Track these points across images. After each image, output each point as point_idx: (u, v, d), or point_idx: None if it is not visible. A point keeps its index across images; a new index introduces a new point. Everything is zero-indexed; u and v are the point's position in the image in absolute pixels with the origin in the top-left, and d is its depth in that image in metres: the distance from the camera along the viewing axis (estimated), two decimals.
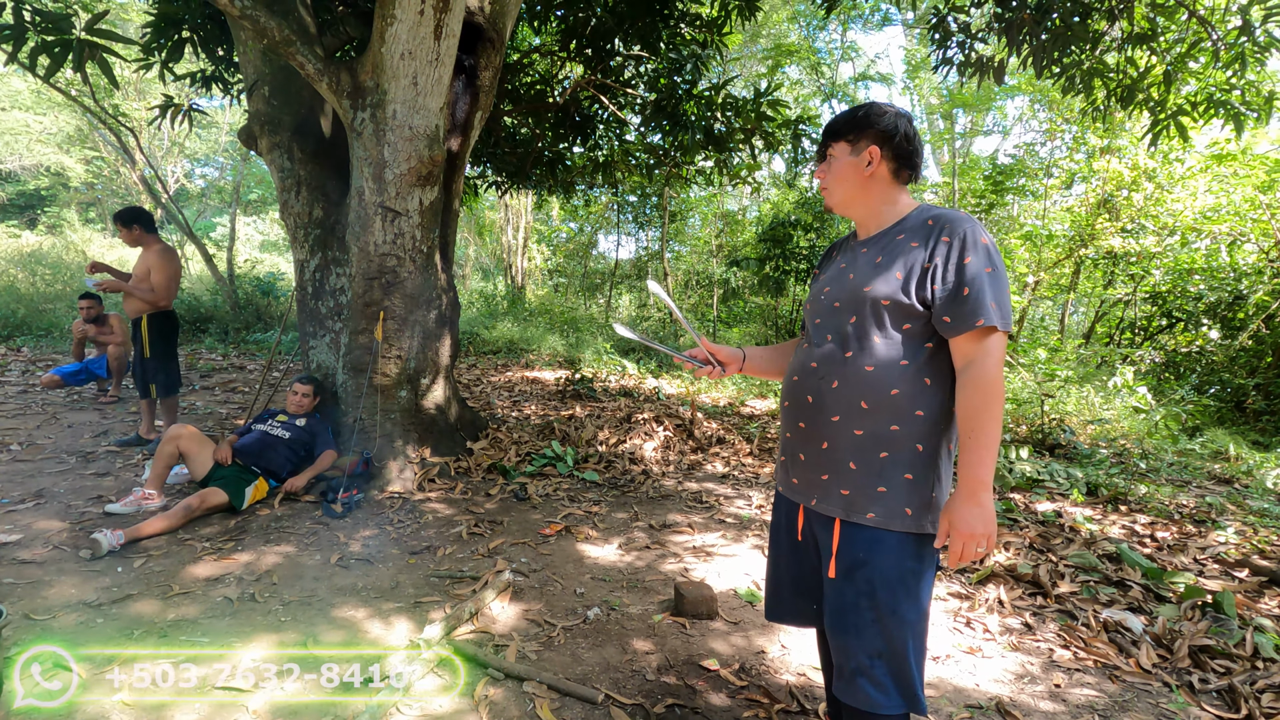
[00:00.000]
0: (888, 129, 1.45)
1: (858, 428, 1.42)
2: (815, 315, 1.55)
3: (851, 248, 1.57)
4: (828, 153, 1.53)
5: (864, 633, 1.41)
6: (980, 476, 1.30)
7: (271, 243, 27.10)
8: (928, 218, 1.42)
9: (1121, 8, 5.15)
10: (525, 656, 2.30)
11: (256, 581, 2.76)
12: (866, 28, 17.09)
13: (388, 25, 3.52)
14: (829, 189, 1.53)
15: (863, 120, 1.46)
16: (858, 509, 1.41)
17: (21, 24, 3.35)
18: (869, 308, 1.41)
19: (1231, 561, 3.43)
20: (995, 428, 1.31)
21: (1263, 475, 5.24)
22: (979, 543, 1.30)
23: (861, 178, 1.48)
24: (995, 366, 1.31)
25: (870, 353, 1.41)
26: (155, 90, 17.32)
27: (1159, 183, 8.64)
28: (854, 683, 1.42)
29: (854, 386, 1.42)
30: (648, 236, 18.74)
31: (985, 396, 1.30)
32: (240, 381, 7.46)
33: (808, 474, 1.51)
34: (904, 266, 1.39)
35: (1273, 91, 5.25)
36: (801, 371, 1.54)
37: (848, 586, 1.42)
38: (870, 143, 1.46)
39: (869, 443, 1.41)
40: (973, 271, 1.32)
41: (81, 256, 14.70)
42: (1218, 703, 2.22)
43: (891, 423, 1.39)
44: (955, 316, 1.33)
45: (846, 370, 1.43)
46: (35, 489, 3.67)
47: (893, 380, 1.39)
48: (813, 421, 1.49)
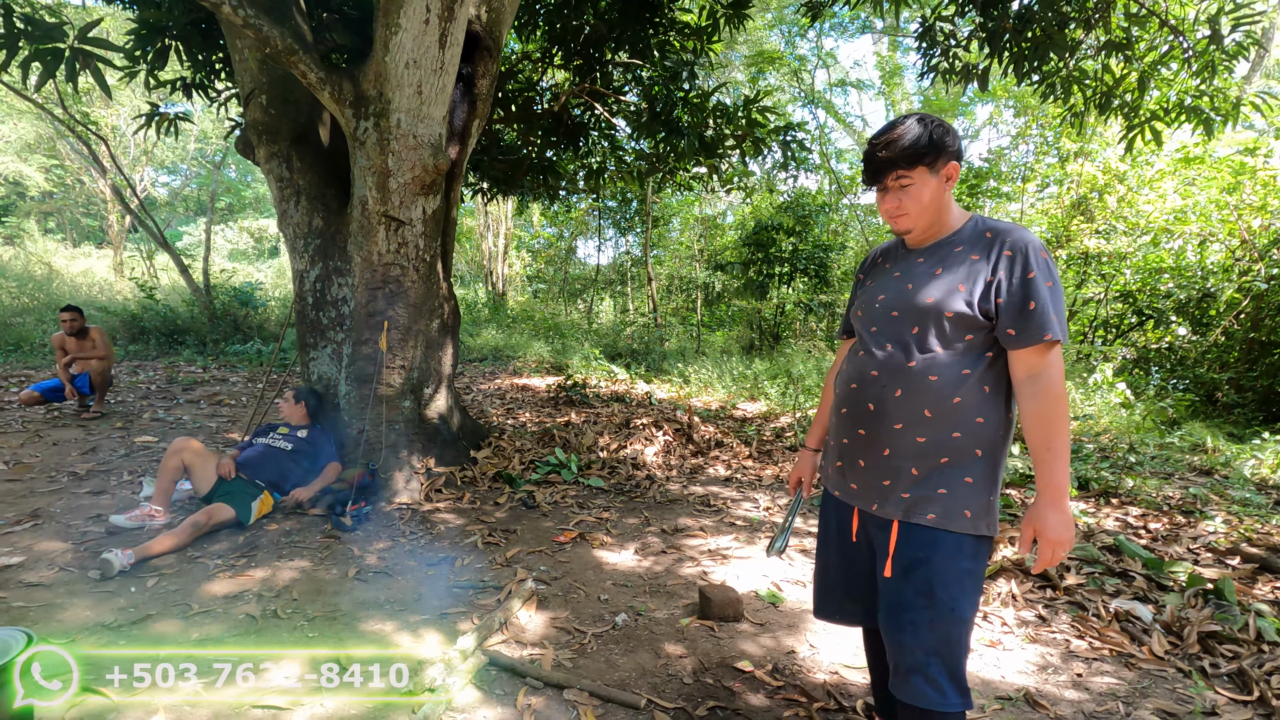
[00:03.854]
0: (957, 147, 1.48)
1: (920, 435, 1.46)
2: (871, 323, 1.58)
3: (904, 256, 1.60)
4: (900, 181, 1.47)
5: (920, 631, 1.44)
6: (1060, 483, 1.35)
7: (241, 251, 26.59)
8: (985, 230, 1.47)
9: (1098, 17, 5.34)
10: (561, 665, 2.30)
11: (277, 598, 2.72)
12: (845, 35, 17.40)
13: (392, 34, 3.51)
14: (909, 214, 1.50)
15: (938, 142, 1.44)
16: (918, 511, 1.46)
17: (13, 33, 3.27)
18: (931, 318, 1.45)
19: (1223, 550, 3.57)
20: (1067, 435, 1.36)
21: (1240, 466, 5.45)
22: (1065, 547, 1.36)
23: (941, 196, 1.48)
24: (1060, 377, 1.37)
25: (933, 362, 1.45)
26: (122, 97, 16.90)
27: (1129, 185, 8.94)
28: (909, 680, 1.45)
29: (917, 395, 1.45)
30: (628, 241, 18.80)
31: (1055, 406, 1.35)
32: (225, 394, 7.31)
33: (868, 479, 1.55)
34: (966, 279, 1.43)
35: (1239, 97, 5.47)
36: (861, 379, 1.56)
37: (905, 585, 1.46)
38: (948, 160, 1.46)
39: (931, 449, 1.45)
40: (1037, 286, 1.36)
41: (47, 269, 14.26)
42: (1230, 686, 2.31)
43: (954, 430, 1.44)
44: (1021, 330, 1.37)
45: (910, 379, 1.46)
46: (30, 509, 3.56)
47: (955, 389, 1.43)
48: (874, 428, 1.52)
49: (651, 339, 13.22)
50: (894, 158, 1.45)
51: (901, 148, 1.45)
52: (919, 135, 1.44)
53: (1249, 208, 7.96)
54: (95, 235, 27.04)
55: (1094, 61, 5.77)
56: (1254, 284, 7.48)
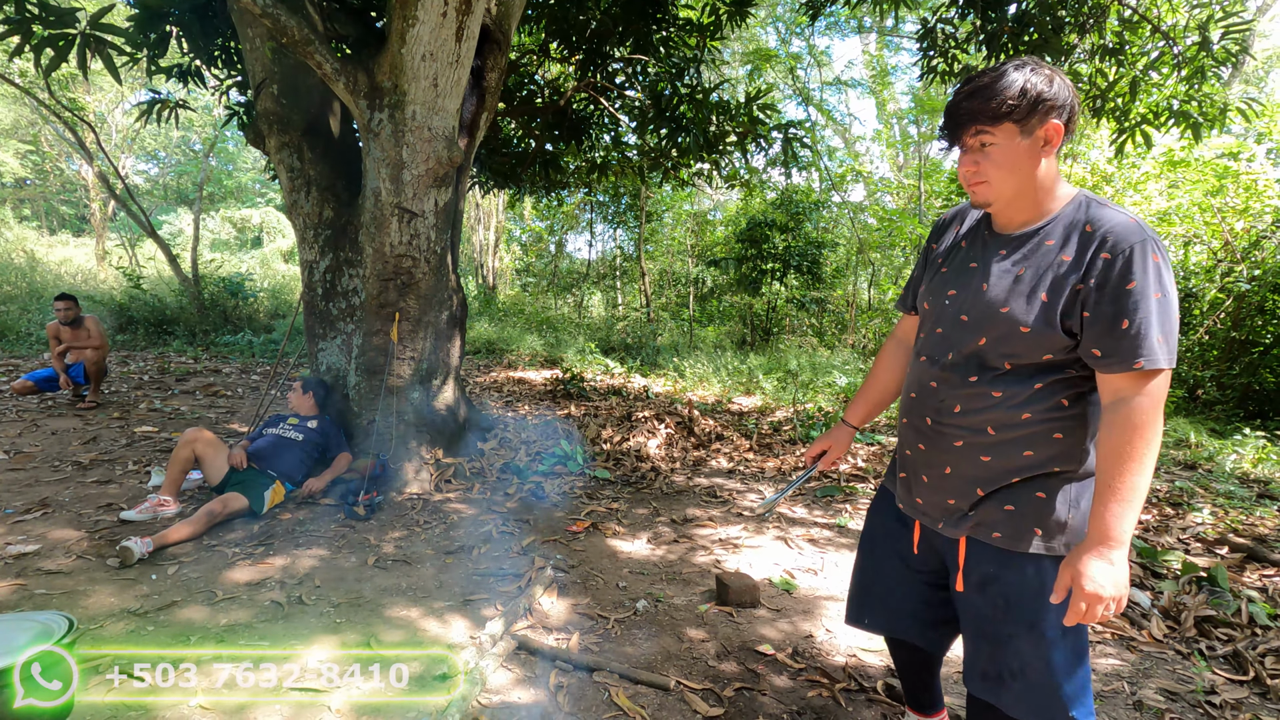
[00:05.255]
0: (1065, 101, 1.19)
1: (984, 454, 1.29)
2: (937, 323, 1.38)
3: (986, 244, 1.35)
4: (980, 138, 1.22)
5: (1004, 647, 1.32)
6: (1113, 529, 1.13)
7: (223, 241, 26.21)
8: (1086, 222, 1.21)
9: (1092, 22, 5.47)
10: (588, 649, 2.36)
11: (299, 585, 2.74)
12: (840, 34, 17.52)
13: (409, 27, 3.52)
14: (989, 182, 1.25)
15: (1035, 96, 1.17)
16: (983, 529, 1.33)
17: (25, 17, 3.24)
18: (1002, 330, 1.24)
19: (1211, 540, 3.71)
20: (1140, 477, 1.12)
21: (1223, 461, 5.63)
22: (1106, 605, 1.14)
23: (1035, 163, 1.22)
24: (1152, 409, 1.13)
25: (999, 379, 1.26)
26: (105, 83, 16.59)
27: (1116, 187, 9.14)
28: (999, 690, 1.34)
29: (979, 412, 1.28)
30: (618, 236, 18.83)
31: (1132, 441, 1.13)
32: (220, 385, 7.26)
33: (932, 497, 1.41)
34: (1051, 287, 1.20)
35: (1226, 103, 5.63)
36: (920, 390, 1.40)
37: (981, 600, 1.35)
38: (1047, 118, 1.19)
39: (997, 469, 1.29)
40: (1136, 299, 1.12)
41: (28, 257, 13.98)
42: (1226, 667, 2.43)
43: (1025, 449, 1.26)
44: (1110, 352, 1.15)
45: (972, 394, 1.29)
46: (38, 498, 3.55)
47: (1023, 405, 1.24)
48: (933, 445, 1.38)
49: (645, 333, 13.28)
50: (974, 110, 1.20)
51: (986, 98, 1.19)
52: (1010, 84, 1.18)
53: (1232, 210, 8.18)
54: (73, 223, 26.53)
55: (1088, 65, 5.91)
56: (1236, 285, 7.69)
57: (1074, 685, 1.27)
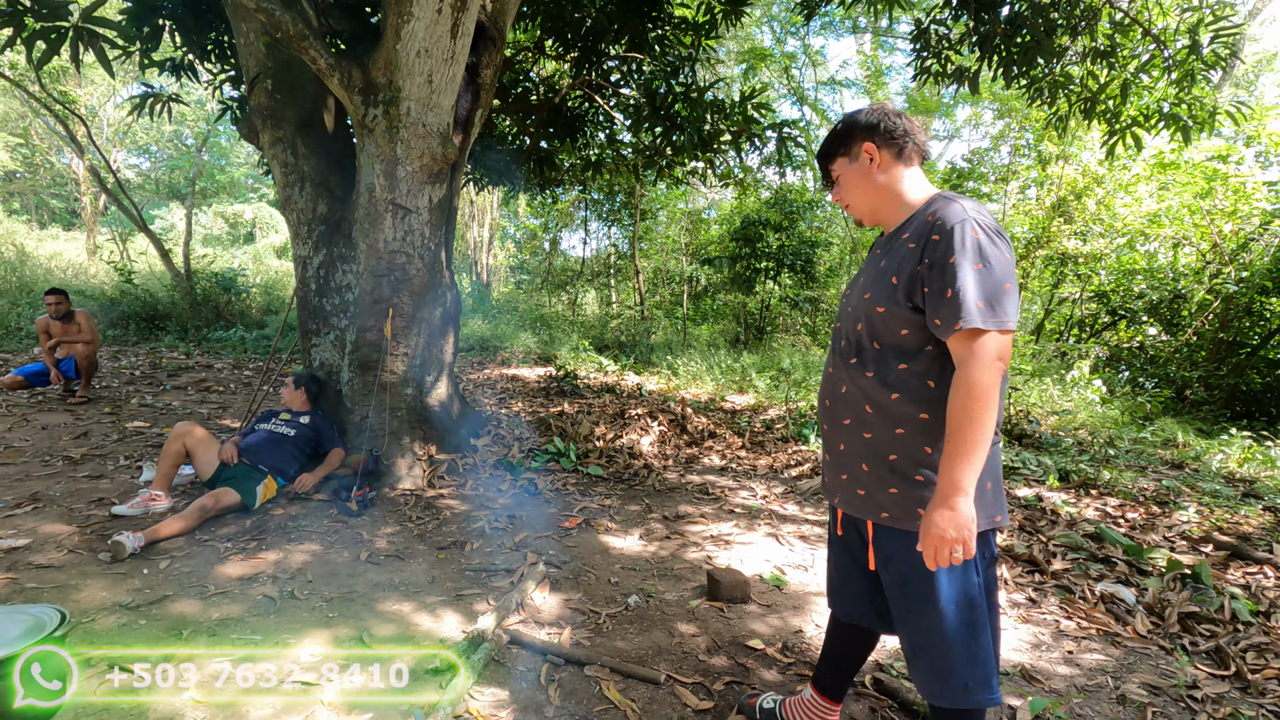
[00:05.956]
0: (869, 123, 1.46)
1: (866, 432, 1.45)
2: (838, 316, 1.61)
3: (876, 246, 1.58)
4: (832, 176, 1.54)
5: (906, 623, 1.46)
6: (954, 480, 1.26)
7: (216, 237, 26.01)
8: (929, 213, 1.38)
9: (1084, 25, 5.51)
10: (579, 643, 2.38)
11: (292, 580, 2.75)
12: (835, 34, 17.54)
13: (404, 22, 3.52)
14: (851, 205, 1.53)
15: (845, 129, 1.49)
16: (872, 509, 1.47)
17: (17, 9, 3.22)
18: (866, 314, 1.44)
19: (1196, 538, 3.76)
20: (976, 432, 1.25)
21: (1209, 460, 5.69)
22: (951, 546, 1.27)
23: (871, 180, 1.47)
24: (981, 369, 1.26)
25: (870, 359, 1.44)
26: (96, 77, 16.46)
27: (1107, 189, 9.21)
28: (911, 669, 1.49)
29: (859, 392, 1.45)
30: (613, 234, 18.82)
31: (966, 400, 1.26)
32: (212, 380, 7.23)
33: (833, 474, 1.58)
34: (900, 271, 1.38)
35: (1216, 106, 5.69)
36: (825, 375, 1.61)
37: (888, 578, 1.49)
38: (861, 141, 1.46)
39: (878, 445, 1.43)
40: (955, 270, 1.28)
41: (18, 251, 13.86)
42: (1209, 662, 2.47)
43: (895, 426, 1.40)
44: (942, 320, 1.31)
45: (852, 376, 1.47)
46: (28, 492, 3.53)
47: (893, 385, 1.40)
48: (832, 425, 1.55)
49: (639, 331, 13.29)
50: (820, 155, 1.55)
51: (821, 149, 1.55)
52: (831, 132, 1.53)
53: (1220, 212, 8.26)
54: (63, 217, 26.30)
55: (1079, 68, 5.95)
56: (1224, 286, 7.77)
57: (967, 659, 1.38)
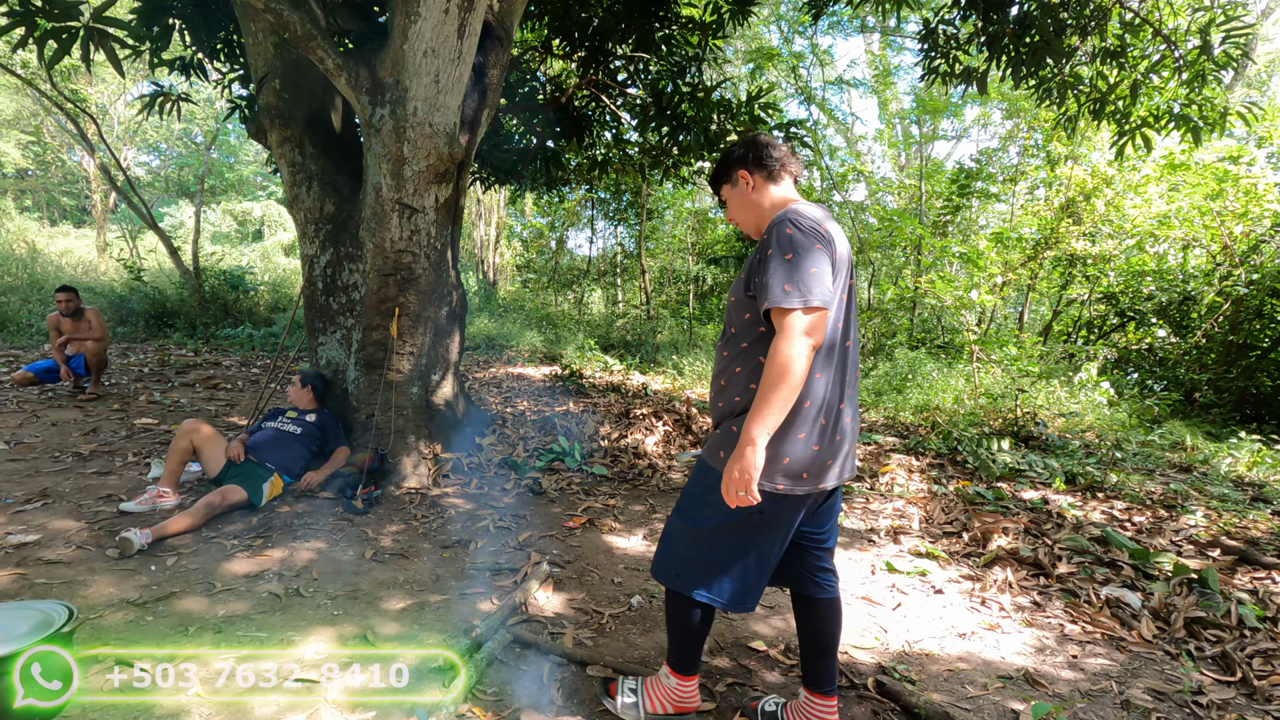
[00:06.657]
0: (740, 155, 1.79)
1: (719, 399, 1.74)
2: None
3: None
4: (722, 198, 1.86)
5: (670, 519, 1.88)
6: (749, 432, 1.50)
7: (224, 234, 26.19)
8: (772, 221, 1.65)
9: (1094, 25, 5.47)
10: (582, 643, 2.38)
11: (297, 577, 2.77)
12: (843, 34, 17.48)
13: (411, 23, 3.53)
14: (739, 221, 1.85)
15: (723, 163, 1.83)
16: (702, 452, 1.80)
17: (29, 9, 3.25)
18: (729, 304, 1.75)
19: (1204, 542, 3.73)
20: (774, 397, 1.47)
21: (1218, 464, 5.65)
22: (736, 486, 1.52)
23: (749, 200, 1.79)
24: (786, 342, 1.48)
25: (727, 340, 1.75)
26: (107, 75, 16.58)
27: (1116, 190, 9.14)
28: None
29: (722, 365, 1.75)
30: (619, 233, 18.83)
31: (769, 366, 1.48)
32: (220, 378, 7.27)
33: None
34: (745, 268, 1.69)
35: (1227, 107, 5.64)
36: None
37: None
38: (735, 169, 1.79)
39: (726, 409, 1.71)
40: (769, 260, 1.54)
41: (29, 248, 13.98)
42: (1214, 668, 2.45)
43: (735, 395, 1.68)
44: (760, 301, 1.57)
45: (721, 353, 1.78)
46: (38, 488, 3.57)
47: (737, 360, 1.69)
48: (713, 389, 1.82)
49: (644, 331, 13.28)
50: (711, 184, 1.90)
51: (710, 181, 1.91)
52: (715, 165, 1.88)
53: (1231, 214, 8.19)
54: (74, 215, 26.52)
55: (1088, 68, 5.91)
56: (1234, 289, 7.71)
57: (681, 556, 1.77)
